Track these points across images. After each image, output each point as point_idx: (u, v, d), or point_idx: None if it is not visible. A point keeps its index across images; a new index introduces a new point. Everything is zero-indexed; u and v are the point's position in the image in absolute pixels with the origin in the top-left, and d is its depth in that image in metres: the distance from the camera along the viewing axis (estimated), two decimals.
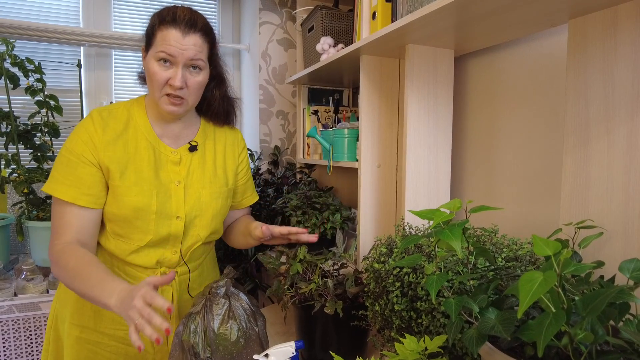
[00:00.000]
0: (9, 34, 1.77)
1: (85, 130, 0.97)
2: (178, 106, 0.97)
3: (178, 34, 0.92)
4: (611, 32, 0.75)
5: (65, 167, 0.96)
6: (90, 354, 1.02)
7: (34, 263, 1.64)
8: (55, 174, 0.96)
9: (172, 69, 0.94)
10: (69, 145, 0.97)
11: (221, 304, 0.89)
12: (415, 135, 1.11)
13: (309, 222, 1.43)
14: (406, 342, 0.64)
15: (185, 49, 0.92)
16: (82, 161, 0.95)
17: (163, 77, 0.93)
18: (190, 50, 0.93)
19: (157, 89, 0.95)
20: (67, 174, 0.95)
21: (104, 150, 0.96)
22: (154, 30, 0.95)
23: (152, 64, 0.94)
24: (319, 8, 1.52)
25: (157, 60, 0.93)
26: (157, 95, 0.96)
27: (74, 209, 0.95)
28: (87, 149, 0.95)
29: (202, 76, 0.98)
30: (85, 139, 0.96)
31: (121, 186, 0.96)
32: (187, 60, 0.93)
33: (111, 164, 0.96)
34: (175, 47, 0.91)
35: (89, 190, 0.95)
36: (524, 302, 0.42)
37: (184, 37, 0.92)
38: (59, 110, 1.78)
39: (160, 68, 0.93)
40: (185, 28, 0.92)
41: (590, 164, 0.78)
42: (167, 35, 0.92)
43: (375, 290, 0.86)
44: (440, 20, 0.89)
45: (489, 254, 0.64)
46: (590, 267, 0.49)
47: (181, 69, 0.93)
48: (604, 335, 0.46)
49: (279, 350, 0.81)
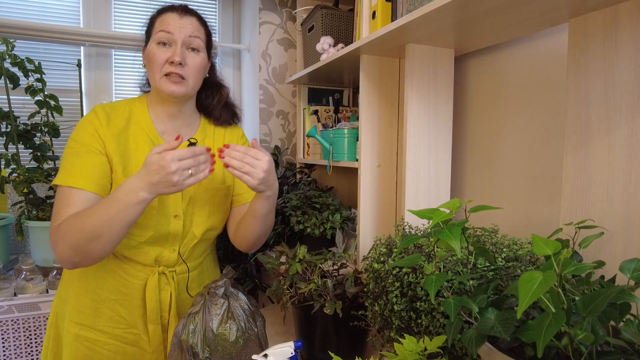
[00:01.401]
0: (9, 34, 1.77)
1: (90, 123, 0.97)
2: (178, 85, 0.98)
3: (175, 15, 0.98)
4: (612, 31, 0.74)
5: (75, 157, 0.94)
6: (89, 351, 1.02)
7: (33, 263, 1.64)
8: (65, 165, 0.94)
9: (171, 49, 0.97)
10: (76, 137, 0.97)
11: (220, 304, 0.88)
12: (415, 135, 1.10)
13: (309, 222, 1.43)
14: (405, 342, 0.64)
15: (182, 25, 0.97)
16: (92, 151, 0.95)
17: (163, 57, 0.96)
18: (188, 28, 0.98)
19: (157, 70, 0.97)
20: (76, 165, 0.94)
21: (109, 143, 0.97)
22: (152, 22, 1.00)
23: (152, 47, 0.98)
24: (319, 8, 1.51)
25: (156, 43, 0.97)
26: (157, 78, 0.97)
27: (81, 192, 0.92)
28: (95, 140, 0.96)
29: (201, 57, 1.01)
30: (91, 131, 0.96)
31: (123, 179, 0.96)
32: (186, 36, 0.97)
33: (114, 157, 0.97)
34: (174, 25, 0.97)
35: (99, 180, 0.94)
36: (524, 302, 0.41)
37: (181, 18, 0.98)
38: (59, 110, 1.78)
39: (159, 49, 0.97)
40: (181, 11, 0.99)
41: (590, 163, 0.78)
42: (165, 17, 0.98)
43: (375, 291, 0.86)
44: (440, 19, 0.89)
45: (489, 253, 0.64)
46: (591, 267, 0.48)
47: (180, 46, 0.96)
48: (605, 335, 0.46)
49: (277, 350, 0.81)
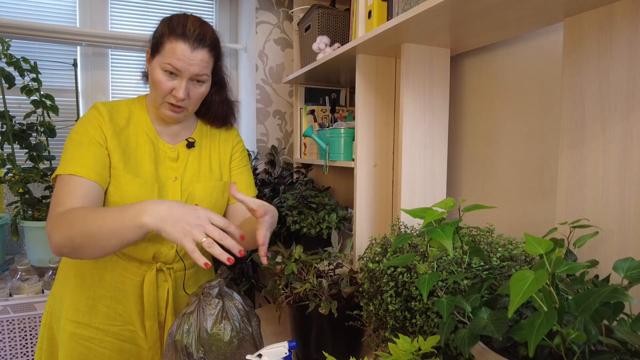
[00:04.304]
0: (4, 33, 1.77)
1: (94, 117, 0.98)
2: (178, 113, 1.00)
3: (186, 49, 0.93)
4: (606, 31, 0.74)
5: (77, 149, 0.94)
6: (85, 349, 1.02)
7: (29, 263, 1.63)
8: (66, 157, 0.94)
9: (176, 80, 0.96)
10: (79, 130, 0.96)
11: (214, 304, 0.88)
12: (411, 135, 1.10)
13: (305, 221, 1.43)
14: (399, 342, 0.64)
15: (192, 64, 0.94)
16: (94, 143, 0.95)
17: (167, 87, 0.96)
18: (197, 66, 0.95)
19: (159, 96, 0.98)
20: (78, 156, 0.93)
21: (111, 138, 0.98)
22: (162, 40, 0.95)
23: (158, 73, 0.95)
24: (316, 7, 1.51)
25: (163, 70, 0.95)
26: (159, 101, 0.99)
27: (82, 180, 0.91)
28: (97, 132, 0.96)
29: (205, 87, 1.01)
30: (95, 125, 0.97)
31: (125, 176, 0.97)
32: (193, 75, 0.96)
33: (115, 153, 0.97)
34: (183, 62, 0.93)
35: (101, 170, 0.94)
36: (515, 301, 0.41)
37: (192, 52, 0.93)
38: (55, 110, 1.77)
39: (165, 78, 0.95)
40: (194, 43, 0.93)
41: (585, 163, 0.78)
42: (176, 48, 0.92)
43: (370, 290, 0.86)
44: (435, 18, 0.88)
45: (483, 253, 0.64)
46: (583, 266, 0.48)
47: (185, 81, 0.95)
48: (597, 335, 0.45)
49: (271, 350, 0.80)
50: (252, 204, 0.89)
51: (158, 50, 0.96)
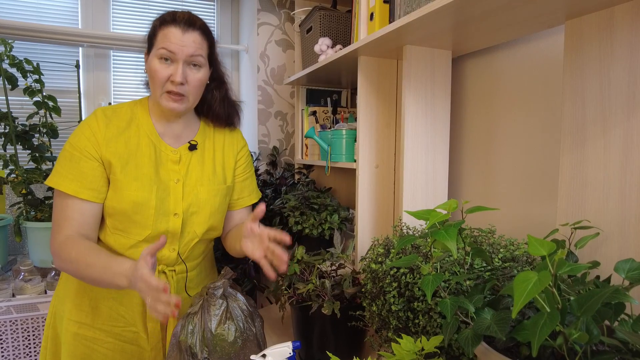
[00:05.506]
0: (7, 35, 1.77)
1: (88, 127, 1.00)
2: (178, 102, 1.00)
3: (178, 31, 0.96)
4: (607, 33, 0.75)
5: (69, 161, 0.98)
6: (87, 350, 1.02)
7: (32, 264, 1.63)
8: (58, 168, 0.99)
9: (172, 66, 0.97)
10: (73, 140, 1.00)
11: (218, 305, 0.89)
12: (413, 136, 1.11)
13: (307, 222, 1.43)
14: (403, 342, 0.64)
15: (185, 44, 0.96)
16: (85, 156, 0.98)
17: (164, 74, 0.97)
18: (190, 47, 0.97)
19: (158, 87, 0.99)
20: (70, 168, 0.97)
21: (106, 146, 0.99)
22: (155, 32, 0.99)
23: (154, 62, 0.97)
24: (317, 9, 1.52)
25: (158, 59, 0.97)
26: (159, 93, 0.99)
27: (76, 202, 0.97)
28: (90, 144, 0.98)
29: (202, 73, 1.01)
30: (88, 135, 0.99)
31: (122, 180, 0.98)
32: (187, 56, 0.97)
33: (113, 158, 0.99)
34: (176, 44, 0.96)
35: (91, 185, 0.98)
36: (519, 302, 0.42)
37: (183, 34, 0.96)
38: (58, 111, 1.78)
39: (161, 66, 0.97)
40: (184, 26, 0.97)
41: (586, 164, 0.79)
42: (168, 33, 0.96)
43: (373, 291, 0.86)
44: (437, 21, 0.89)
45: (485, 254, 0.64)
46: (585, 267, 0.49)
47: (182, 65, 0.97)
48: (599, 335, 0.46)
49: (276, 350, 0.81)
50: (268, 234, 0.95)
51: (152, 43, 1.00)
